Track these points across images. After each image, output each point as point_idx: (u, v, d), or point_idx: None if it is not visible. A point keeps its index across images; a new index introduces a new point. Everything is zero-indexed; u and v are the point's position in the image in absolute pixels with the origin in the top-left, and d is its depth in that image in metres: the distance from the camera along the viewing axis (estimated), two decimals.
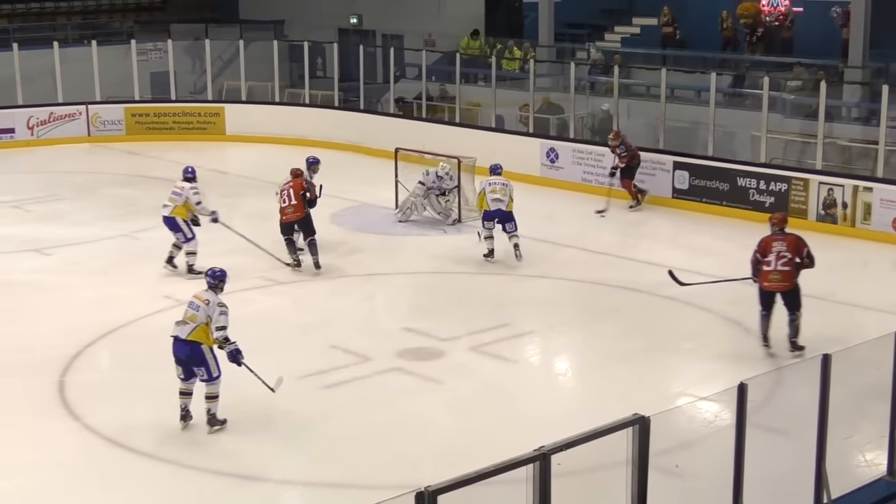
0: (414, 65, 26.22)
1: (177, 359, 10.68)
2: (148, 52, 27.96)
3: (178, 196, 15.53)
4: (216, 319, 10.58)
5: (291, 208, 15.68)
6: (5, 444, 10.57)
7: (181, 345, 10.61)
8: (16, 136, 25.49)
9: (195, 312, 10.62)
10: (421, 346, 12.75)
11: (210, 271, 10.98)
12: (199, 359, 10.60)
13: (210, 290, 10.83)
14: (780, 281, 12.28)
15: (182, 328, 10.62)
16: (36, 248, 16.98)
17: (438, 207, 18.50)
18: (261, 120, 25.63)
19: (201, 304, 10.67)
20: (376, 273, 15.92)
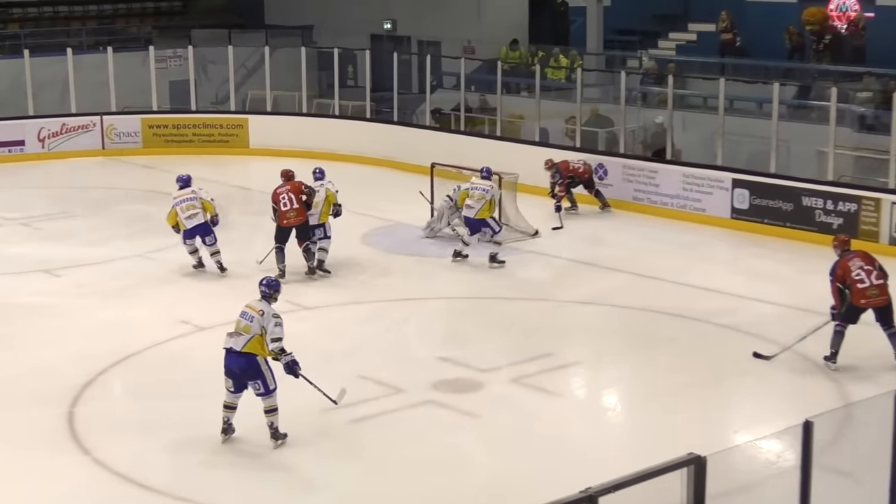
0: (452, 73, 26.27)
1: (230, 371, 10.90)
2: (167, 60, 28.19)
3: (195, 200, 16.32)
4: (271, 331, 10.82)
5: (294, 212, 16.16)
6: (9, 480, 10.59)
7: (235, 357, 10.84)
8: (26, 148, 25.72)
9: (249, 323, 10.85)
10: (457, 377, 12.71)
11: (265, 281, 11.27)
12: (255, 371, 10.82)
13: (263, 299, 11.08)
14: (879, 295, 12.71)
15: (236, 340, 10.83)
16: (45, 268, 17.10)
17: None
18: (287, 132, 25.73)
19: (255, 314, 10.90)
20: (409, 297, 15.90)
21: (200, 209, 16.37)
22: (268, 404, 10.94)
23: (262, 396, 10.92)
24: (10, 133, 25.58)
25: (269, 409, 10.95)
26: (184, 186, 16.64)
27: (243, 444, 11.14)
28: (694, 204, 19.62)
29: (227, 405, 11.05)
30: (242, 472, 10.65)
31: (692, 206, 19.68)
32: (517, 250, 17.94)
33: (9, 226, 19.75)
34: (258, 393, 10.91)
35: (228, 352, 10.89)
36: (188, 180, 16.79)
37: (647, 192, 20.34)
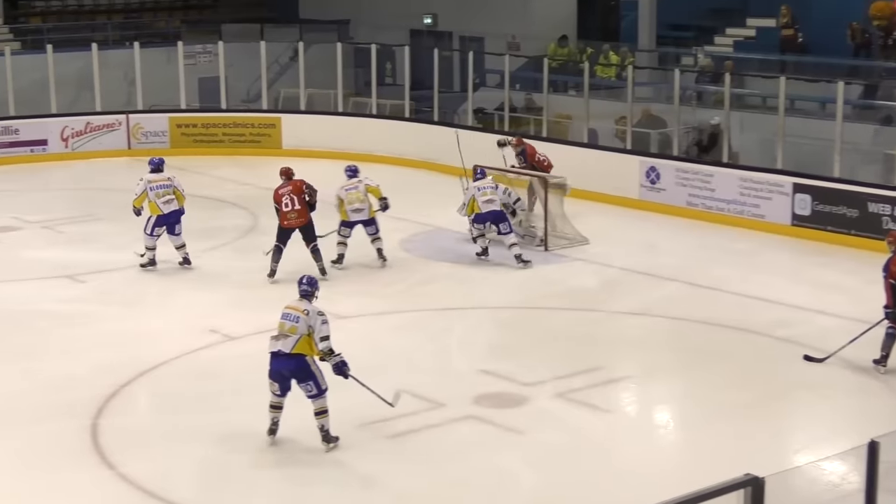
0: (495, 71, 26.31)
1: (277, 374, 11.09)
2: (196, 56, 28.40)
3: (170, 187, 17.01)
4: (319, 329, 11.00)
5: (295, 213, 16.56)
6: (30, 496, 10.70)
7: (285, 360, 11.01)
8: (48, 148, 25.96)
9: (294, 324, 11.02)
10: (500, 392, 12.72)
11: (305, 279, 11.43)
12: (306, 372, 11.01)
13: (304, 298, 11.24)
14: None
15: (284, 342, 11.01)
16: (68, 274, 17.26)
17: (520, 229, 18.49)
18: (321, 132, 25.84)
19: (300, 314, 11.06)
20: (450, 307, 15.93)
21: (174, 196, 16.97)
22: (318, 406, 11.13)
23: (314, 398, 11.10)
24: (32, 132, 25.83)
25: (320, 411, 11.13)
26: (156, 170, 17.14)
27: (272, 461, 11.20)
28: (752, 210, 19.55)
29: (275, 405, 11.28)
30: (273, 485, 10.70)
31: (750, 212, 19.60)
32: (565, 258, 17.95)
33: (30, 229, 19.93)
34: (310, 395, 11.08)
35: (275, 355, 11.07)
36: (160, 164, 17.32)
37: (702, 197, 20.28)
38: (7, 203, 21.19)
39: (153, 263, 17.26)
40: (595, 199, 20.92)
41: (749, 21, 26.42)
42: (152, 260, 17.27)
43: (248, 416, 11.99)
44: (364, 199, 17.29)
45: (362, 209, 17.27)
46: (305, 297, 11.26)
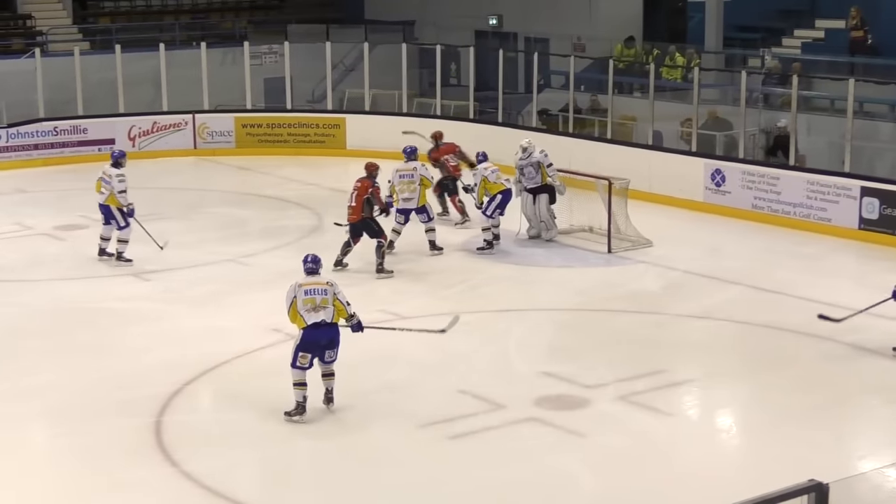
0: (560, 72, 26.26)
1: (314, 345, 11.87)
2: (262, 56, 28.56)
3: (108, 183, 17.52)
4: (343, 296, 12.05)
5: (349, 210, 17.00)
6: (95, 491, 10.83)
7: (326, 329, 11.88)
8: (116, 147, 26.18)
9: (326, 296, 11.95)
10: (561, 394, 12.69)
11: (309, 258, 12.35)
12: (337, 340, 12.01)
13: (313, 275, 12.18)
14: None
15: (324, 312, 11.89)
16: (134, 272, 17.43)
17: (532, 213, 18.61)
18: (386, 133, 25.84)
19: (325, 286, 12.02)
20: (510, 308, 15.92)
21: (106, 192, 17.55)
22: (329, 370, 12.06)
23: (331, 363, 12.02)
24: (99, 131, 26.11)
25: (329, 374, 12.08)
26: (113, 165, 17.74)
27: (333, 461, 11.25)
28: (819, 213, 19.37)
29: (300, 383, 11.93)
30: (333, 490, 10.74)
31: (817, 216, 19.42)
32: (628, 260, 17.88)
33: (97, 227, 20.07)
34: (330, 360, 11.99)
35: (317, 325, 11.82)
36: (116, 159, 17.85)
37: (768, 201, 20.12)
38: (75, 201, 21.41)
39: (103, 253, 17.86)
40: (659, 202, 20.83)
41: (818, 23, 26.19)
42: (102, 250, 17.88)
43: (310, 414, 12.05)
44: (414, 189, 17.62)
45: (412, 198, 17.75)
46: (315, 273, 12.18)
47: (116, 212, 17.53)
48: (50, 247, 18.67)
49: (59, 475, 11.16)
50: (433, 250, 17.92)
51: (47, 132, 25.76)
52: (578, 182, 19.01)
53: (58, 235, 19.11)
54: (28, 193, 22.83)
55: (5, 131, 25.27)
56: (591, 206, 18.87)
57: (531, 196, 18.62)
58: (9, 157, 25.19)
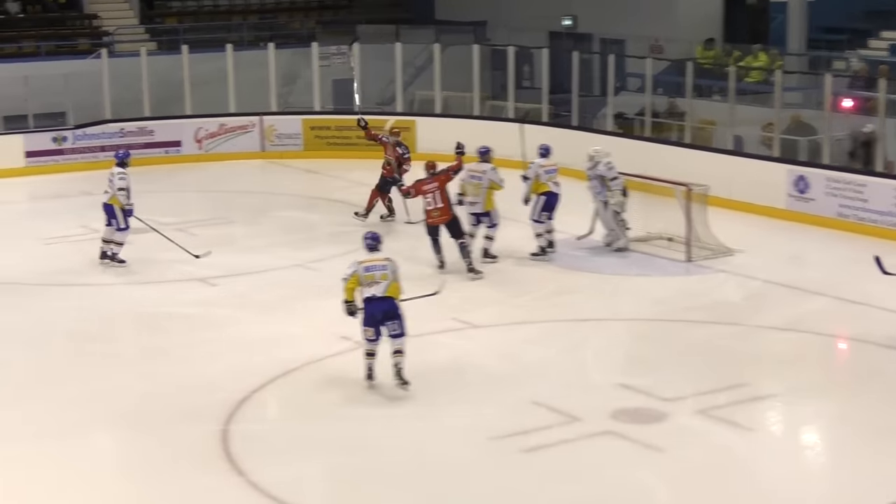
0: (637, 74, 26.12)
1: (371, 318, 12.80)
2: (331, 57, 28.67)
3: (110, 182, 17.85)
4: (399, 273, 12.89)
5: (438, 212, 17.15)
6: (161, 500, 10.92)
7: (379, 302, 12.77)
8: (182, 150, 26.48)
9: (384, 272, 12.84)
10: (639, 407, 12.62)
11: (369, 234, 13.22)
12: (395, 312, 12.81)
13: (372, 252, 12.99)
14: None
15: (377, 287, 12.78)
16: (201, 277, 17.56)
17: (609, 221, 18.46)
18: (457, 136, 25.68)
19: (385, 262, 12.90)
20: (587, 318, 15.87)
21: (110, 192, 17.86)
22: (398, 345, 12.83)
23: (396, 337, 12.79)
24: (166, 133, 26.37)
25: (398, 351, 12.82)
26: (117, 164, 18.10)
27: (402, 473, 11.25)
28: None
29: (369, 352, 12.91)
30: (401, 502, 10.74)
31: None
32: (708, 269, 17.75)
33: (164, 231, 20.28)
34: (393, 333, 12.78)
35: (370, 300, 12.78)
36: (122, 159, 18.21)
37: (854, 209, 19.89)
38: (141, 204, 21.47)
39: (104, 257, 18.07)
40: (740, 209, 20.64)
41: None
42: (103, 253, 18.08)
43: (380, 424, 12.11)
44: (480, 194, 17.53)
45: (476, 202, 17.66)
46: (374, 251, 13.00)
47: (119, 212, 17.82)
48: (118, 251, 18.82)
49: (124, 483, 11.26)
50: (486, 258, 17.81)
51: (113, 134, 26.04)
52: (656, 188, 18.89)
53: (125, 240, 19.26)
54: (94, 196, 22.85)
55: (71, 133, 25.58)
56: (669, 214, 18.73)
57: (602, 204, 18.50)
58: (75, 159, 25.50)
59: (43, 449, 11.77)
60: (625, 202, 18.39)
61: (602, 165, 18.30)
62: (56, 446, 11.82)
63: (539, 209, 18.11)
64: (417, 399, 12.78)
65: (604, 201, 18.40)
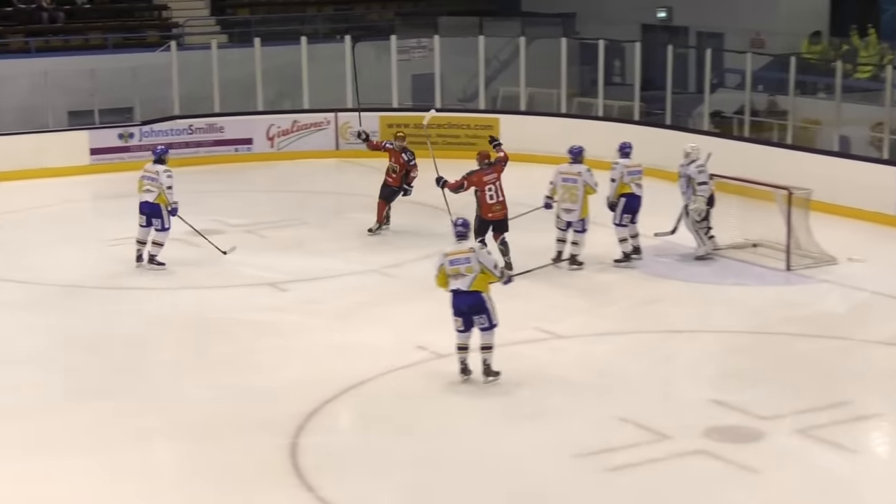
0: (736, 70, 25.97)
1: (458, 310, 13.33)
2: (410, 51, 28.75)
3: (154, 181, 18.07)
4: (488, 261, 13.36)
5: (499, 205, 17.50)
6: None
7: (464, 296, 13.27)
8: (253, 148, 26.69)
9: (469, 264, 13.27)
10: (733, 425, 12.54)
11: (461, 221, 13.82)
12: (481, 306, 13.27)
13: (462, 239, 13.53)
14: None
15: (462, 280, 13.25)
16: (271, 281, 17.70)
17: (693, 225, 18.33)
18: (543, 134, 25.86)
19: (468, 254, 13.32)
20: (678, 329, 15.80)
21: (155, 190, 18.03)
22: (486, 341, 13.33)
23: (485, 331, 13.28)
24: (236, 130, 26.60)
25: (487, 346, 13.33)
26: (156, 161, 18.34)
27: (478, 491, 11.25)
28: None
29: (461, 346, 13.42)
30: None
31: None
32: (809, 279, 17.60)
33: (233, 233, 20.47)
34: (481, 327, 13.26)
35: (456, 293, 13.27)
36: (160, 154, 18.49)
37: None
38: (210, 205, 21.84)
39: (139, 259, 18.30)
40: (845, 214, 20.44)
41: None
42: (140, 255, 18.30)
43: (457, 439, 12.13)
44: (577, 199, 17.44)
45: (573, 209, 17.52)
46: (464, 238, 13.55)
47: (164, 211, 17.99)
48: (183, 253, 19.02)
49: (188, 497, 11.35)
50: (573, 265, 17.75)
51: (182, 130, 26.33)
52: (755, 192, 18.77)
53: (191, 241, 19.47)
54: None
55: (138, 129, 25.89)
56: (769, 219, 18.59)
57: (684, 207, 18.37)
58: (141, 156, 25.64)
59: (101, 460, 11.90)
60: (704, 211, 18.19)
61: (693, 166, 18.17)
62: (114, 458, 11.94)
63: (621, 212, 18.02)
64: (496, 413, 12.80)
65: (685, 204, 18.28)
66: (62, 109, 26.03)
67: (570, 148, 18.02)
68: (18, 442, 12.31)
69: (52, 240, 20.20)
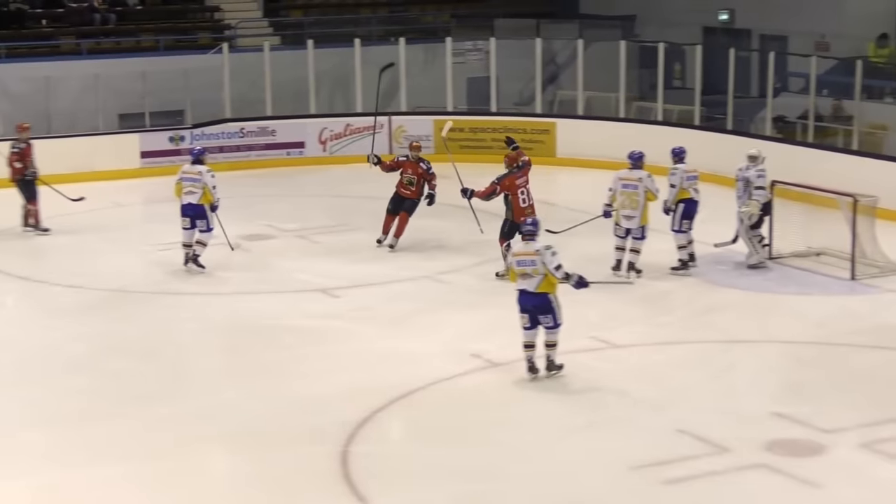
0: (800, 74, 25.82)
1: (524, 308, 13.75)
2: (465, 53, 28.79)
3: (198, 181, 18.19)
4: (550, 262, 13.57)
5: (530, 209, 17.51)
6: None
7: (530, 296, 13.69)
8: (305, 151, 26.82)
9: (535, 266, 13.61)
10: (795, 438, 12.45)
11: (530, 220, 14.19)
12: (547, 308, 13.70)
13: (529, 241, 13.80)
14: None
15: (529, 281, 13.65)
16: (322, 287, 17.75)
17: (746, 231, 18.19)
18: (600, 140, 25.84)
19: (534, 257, 13.62)
20: (739, 339, 15.71)
21: (198, 192, 18.14)
22: (551, 339, 13.82)
23: (550, 329, 13.73)
24: (288, 133, 26.74)
25: (551, 344, 13.82)
26: (195, 162, 18.46)
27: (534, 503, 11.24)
28: None
29: (527, 344, 13.83)
30: None
31: None
32: (875, 289, 17.46)
33: (284, 238, 20.56)
34: (547, 326, 13.71)
35: (522, 292, 13.68)
36: (198, 155, 18.62)
37: None
38: (261, 209, 21.93)
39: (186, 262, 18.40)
40: None
41: None
42: (187, 257, 18.41)
43: (510, 450, 12.12)
44: (637, 206, 17.38)
45: (633, 216, 17.47)
46: (531, 237, 13.81)
47: (208, 212, 18.15)
48: (234, 258, 19.13)
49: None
50: (630, 271, 17.73)
51: (233, 134, 26.50)
52: (818, 199, 18.65)
53: (242, 246, 19.59)
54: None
55: (189, 132, 26.05)
56: (833, 227, 18.46)
57: None
58: None
59: (149, 468, 11.97)
60: (757, 217, 18.08)
61: (755, 170, 18.07)
62: (162, 466, 12.01)
63: (680, 218, 17.95)
64: (551, 424, 12.77)
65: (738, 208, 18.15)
66: (113, 112, 26.24)
67: (630, 153, 17.94)
68: (65, 449, 12.41)
69: (102, 244, 20.36)
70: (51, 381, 14.32)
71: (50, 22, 29.68)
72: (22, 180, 20.80)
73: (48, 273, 18.76)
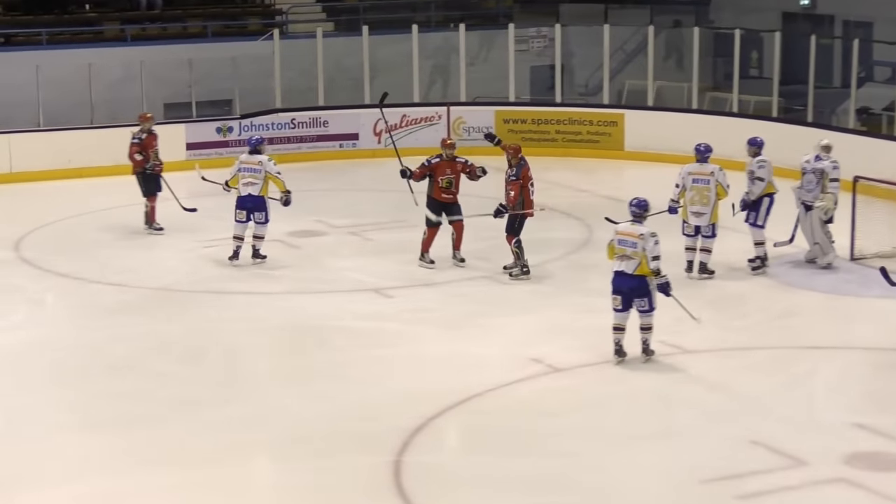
0: (886, 63, 25.70)
1: (618, 290, 14.20)
2: (529, 41, 28.79)
3: (259, 172, 18.41)
4: (651, 249, 14.02)
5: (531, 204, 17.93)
6: None
7: (626, 278, 14.14)
8: (359, 143, 26.87)
9: (635, 249, 14.09)
10: (878, 451, 12.36)
11: (634, 201, 14.44)
12: (643, 291, 14.16)
13: (635, 222, 14.26)
14: None
15: (627, 263, 14.12)
16: (375, 287, 17.79)
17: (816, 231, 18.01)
18: (672, 132, 25.72)
19: (636, 239, 14.08)
20: (817, 345, 15.64)
21: (258, 182, 18.35)
22: (646, 322, 14.30)
23: (644, 313, 14.22)
24: (342, 125, 26.79)
25: (646, 327, 14.32)
26: (252, 152, 18.67)
27: None
28: None
29: (617, 326, 14.33)
30: None
31: None
32: None
33: (336, 234, 20.61)
34: (641, 310, 14.20)
35: (619, 273, 14.15)
36: (255, 144, 18.87)
37: None
38: (312, 204, 21.95)
39: (235, 256, 18.56)
40: None
41: None
42: (236, 252, 18.55)
43: (572, 459, 12.09)
44: (709, 202, 17.28)
45: (703, 213, 17.36)
46: (638, 219, 14.26)
47: (267, 203, 18.34)
48: (283, 255, 19.19)
49: None
50: (703, 273, 17.66)
51: (284, 125, 26.58)
52: None
53: (292, 243, 19.65)
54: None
55: (237, 123, 26.16)
56: None
57: (804, 209, 18.06)
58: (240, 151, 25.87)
59: (192, 476, 12.01)
60: (832, 211, 17.89)
61: (829, 161, 17.88)
62: (208, 472, 12.06)
63: (765, 213, 17.83)
64: (617, 433, 12.71)
65: (808, 204, 17.90)
66: (158, 101, 26.28)
67: (697, 145, 17.81)
68: (107, 455, 12.47)
69: (147, 240, 20.46)
70: (90, 385, 14.41)
71: (94, 7, 29.87)
72: (142, 173, 20.66)
73: (89, 270, 18.84)
